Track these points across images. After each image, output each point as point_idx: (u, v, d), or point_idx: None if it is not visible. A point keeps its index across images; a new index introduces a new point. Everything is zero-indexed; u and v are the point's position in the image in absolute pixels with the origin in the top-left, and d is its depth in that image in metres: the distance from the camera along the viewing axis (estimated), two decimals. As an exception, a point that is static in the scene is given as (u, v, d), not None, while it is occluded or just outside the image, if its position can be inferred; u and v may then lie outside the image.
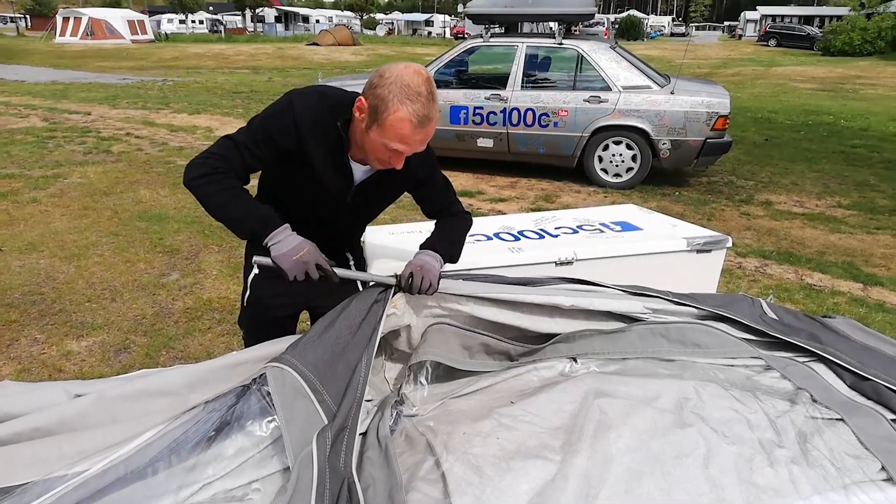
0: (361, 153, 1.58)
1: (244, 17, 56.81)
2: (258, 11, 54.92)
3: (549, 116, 6.63)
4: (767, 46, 37.39)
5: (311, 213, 1.71)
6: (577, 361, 1.62)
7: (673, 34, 59.98)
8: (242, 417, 1.24)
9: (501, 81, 6.93)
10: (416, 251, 1.70)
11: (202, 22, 54.04)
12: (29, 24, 51.83)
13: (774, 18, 47.00)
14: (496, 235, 2.52)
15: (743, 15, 55.48)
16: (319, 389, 1.26)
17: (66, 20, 36.41)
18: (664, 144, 6.37)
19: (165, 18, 50.82)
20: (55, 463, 1.13)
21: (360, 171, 1.66)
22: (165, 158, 7.65)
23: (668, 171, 6.94)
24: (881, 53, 28.99)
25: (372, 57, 27.41)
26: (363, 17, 60.74)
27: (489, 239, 2.47)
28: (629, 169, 6.65)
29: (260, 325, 1.89)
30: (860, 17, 31.50)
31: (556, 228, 2.62)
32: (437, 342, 1.57)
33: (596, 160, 6.71)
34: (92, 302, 3.73)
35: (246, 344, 2.01)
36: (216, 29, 50.96)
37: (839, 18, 34.66)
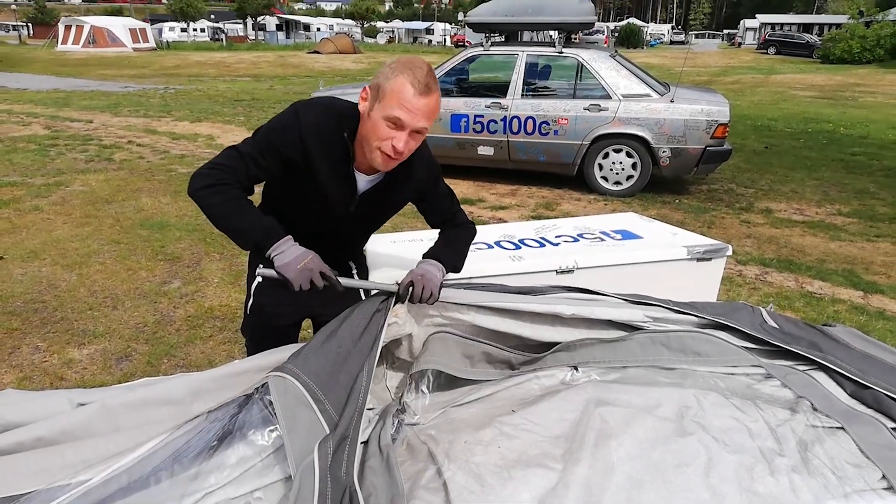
0: (365, 146, 1.55)
1: (245, 25, 57.09)
2: (259, 20, 55.21)
3: (549, 125, 6.65)
4: (767, 54, 37.53)
5: (314, 223, 1.72)
6: (577, 370, 1.62)
7: (672, 42, 60.14)
8: (245, 426, 1.25)
9: (502, 90, 6.96)
10: (417, 259, 1.71)
11: (204, 30, 54.24)
12: (31, 32, 52.09)
13: (773, 26, 47.20)
14: (497, 244, 2.52)
15: (742, 23, 55.72)
16: (321, 398, 1.26)
17: (68, 28, 36.62)
18: (664, 152, 6.38)
19: (167, 27, 51.00)
20: (58, 472, 1.13)
21: (363, 181, 1.67)
22: (167, 166, 7.67)
23: (668, 178, 6.96)
24: (880, 61, 29.11)
25: (373, 65, 27.50)
26: (364, 25, 61.01)
27: (490, 247, 2.48)
28: (629, 177, 6.66)
29: (263, 333, 1.90)
30: (859, 25, 31.64)
31: (556, 237, 2.63)
32: (438, 351, 1.58)
33: (596, 168, 6.73)
34: (93, 310, 3.73)
35: (248, 352, 2.02)
36: (218, 37, 51.23)
37: (838, 26, 34.82)
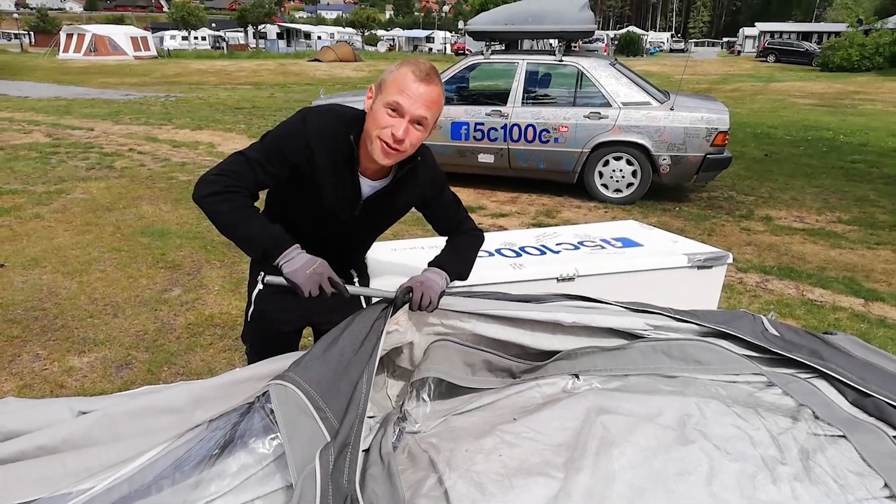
0: (366, 139, 1.56)
1: (246, 33, 57.30)
2: (260, 28, 55.42)
3: (549, 132, 6.67)
4: (766, 62, 37.66)
5: (318, 227, 1.72)
6: (579, 378, 1.62)
7: (672, 50, 60.37)
8: (246, 435, 1.24)
9: (502, 98, 6.98)
10: (418, 267, 1.72)
11: (205, 38, 54.52)
12: (33, 40, 52.29)
13: (773, 34, 47.41)
14: (498, 251, 2.53)
15: (741, 31, 55.95)
16: (322, 407, 1.26)
17: (69, 37, 36.78)
18: (664, 160, 6.40)
19: (168, 35, 51.24)
20: (60, 480, 1.14)
21: (368, 185, 1.68)
22: (168, 174, 7.68)
23: (668, 186, 6.97)
24: (879, 69, 29.21)
25: (373, 73, 27.59)
26: (364, 33, 61.24)
27: (491, 255, 2.48)
28: (629, 184, 6.68)
29: (264, 340, 1.90)
30: (858, 33, 31.76)
31: (557, 244, 2.63)
32: (439, 359, 1.58)
33: (596, 175, 6.74)
34: (94, 318, 3.73)
35: (249, 359, 2.02)
36: (218, 45, 51.41)
37: (837, 34, 34.96)
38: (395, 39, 63.99)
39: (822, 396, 1.56)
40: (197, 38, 53.71)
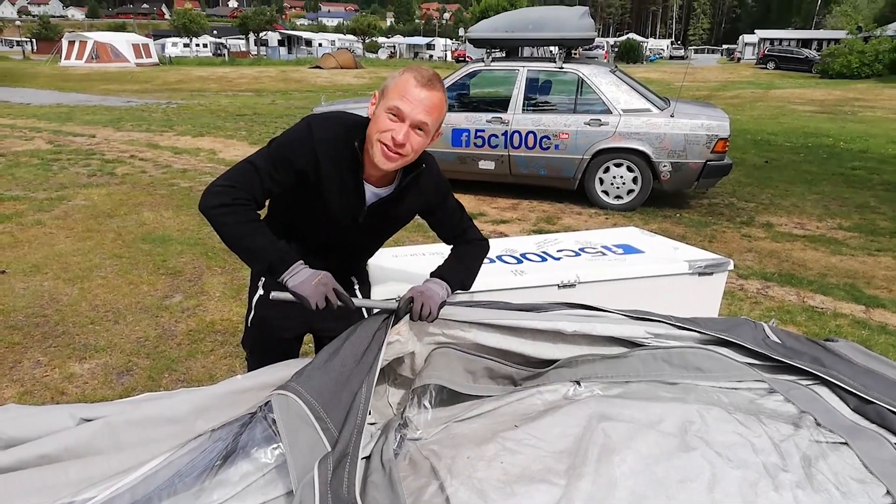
0: (368, 144, 1.57)
1: (248, 40, 57.50)
2: (261, 35, 55.61)
3: (550, 139, 6.68)
4: (766, 69, 37.72)
5: (322, 233, 1.73)
6: (580, 385, 1.62)
7: (672, 57, 60.56)
8: (248, 445, 1.25)
9: (503, 105, 6.99)
10: (419, 274, 1.72)
11: (206, 45, 54.69)
12: (35, 47, 52.41)
13: (773, 42, 47.55)
14: (499, 258, 2.53)
15: (741, 38, 56.12)
16: (323, 417, 1.26)
17: (71, 44, 36.91)
18: (665, 167, 6.41)
19: (170, 42, 51.45)
20: (62, 489, 1.14)
21: (372, 192, 1.69)
22: (169, 181, 7.69)
23: (668, 193, 6.97)
24: (879, 76, 29.24)
25: (374, 80, 27.67)
26: (365, 40, 61.40)
27: (492, 262, 2.48)
28: (630, 191, 6.68)
29: (264, 346, 1.90)
30: (858, 40, 31.82)
31: (558, 251, 2.63)
32: (440, 366, 1.58)
33: (597, 182, 6.75)
34: (95, 324, 3.73)
35: (249, 365, 2.01)
36: (220, 52, 51.57)
37: (837, 42, 35.00)
38: (395, 46, 64.20)
39: (823, 403, 1.56)
40: (198, 45, 53.87)
